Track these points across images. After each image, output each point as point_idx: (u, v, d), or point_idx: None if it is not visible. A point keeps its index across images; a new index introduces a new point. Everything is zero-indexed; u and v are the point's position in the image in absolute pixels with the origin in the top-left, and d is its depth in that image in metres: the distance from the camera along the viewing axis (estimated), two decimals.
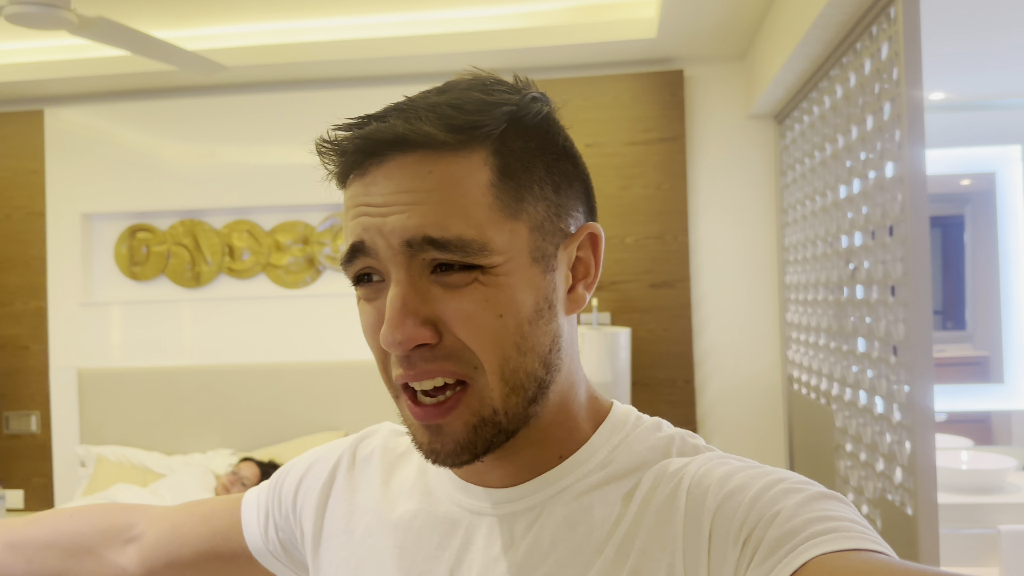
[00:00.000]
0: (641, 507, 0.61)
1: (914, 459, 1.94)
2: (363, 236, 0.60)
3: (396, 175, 0.59)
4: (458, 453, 0.60)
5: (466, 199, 0.59)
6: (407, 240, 0.58)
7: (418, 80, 3.62)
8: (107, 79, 3.56)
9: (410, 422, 0.62)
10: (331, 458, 0.79)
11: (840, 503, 0.55)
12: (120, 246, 3.77)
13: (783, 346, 3.42)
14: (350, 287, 0.60)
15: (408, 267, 0.59)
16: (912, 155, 1.92)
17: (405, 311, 0.57)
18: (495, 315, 0.58)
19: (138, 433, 3.62)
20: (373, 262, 0.60)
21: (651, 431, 0.67)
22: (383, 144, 0.60)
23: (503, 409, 0.60)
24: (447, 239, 0.57)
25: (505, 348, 0.59)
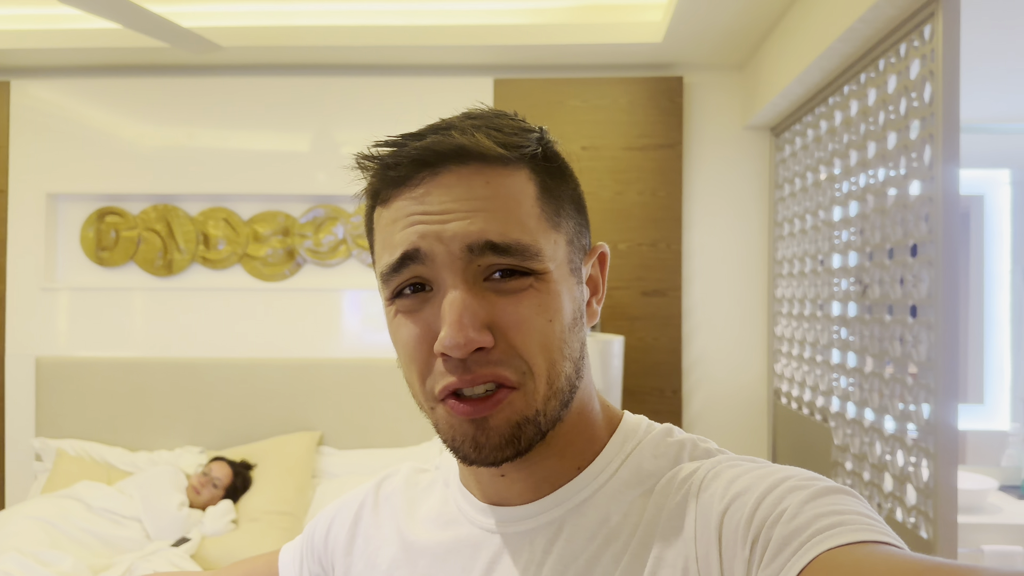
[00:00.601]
0: (654, 513, 0.63)
1: (936, 482, 1.92)
2: (419, 243, 0.62)
3: (454, 185, 0.62)
4: (502, 448, 0.62)
5: (520, 209, 0.63)
6: (469, 245, 0.61)
7: (415, 72, 3.52)
8: (80, 52, 3.37)
9: (453, 423, 0.62)
10: (357, 499, 0.82)
11: (847, 496, 0.55)
12: (87, 229, 3.58)
13: (770, 359, 3.41)
14: (330, 281, 0.62)
15: (465, 273, 0.61)
16: (946, 175, 1.90)
17: (468, 313, 0.60)
18: (546, 320, 0.62)
19: (100, 427, 3.44)
20: (425, 271, 0.62)
21: (662, 437, 0.70)
22: (442, 155, 0.63)
23: (544, 411, 0.62)
24: (508, 244, 0.61)
25: (553, 353, 0.62)
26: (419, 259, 0.62)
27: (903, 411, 2.13)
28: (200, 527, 2.91)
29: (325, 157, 3.52)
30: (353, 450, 3.39)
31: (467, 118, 0.67)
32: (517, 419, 0.62)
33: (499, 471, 0.68)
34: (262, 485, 3.14)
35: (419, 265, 0.62)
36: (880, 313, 2.30)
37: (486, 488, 0.70)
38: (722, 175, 3.47)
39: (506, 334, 0.61)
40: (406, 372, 0.66)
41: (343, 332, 3.56)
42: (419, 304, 0.63)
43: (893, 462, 2.18)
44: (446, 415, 0.62)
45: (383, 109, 3.49)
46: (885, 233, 2.27)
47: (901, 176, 2.16)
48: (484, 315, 0.60)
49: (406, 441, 3.37)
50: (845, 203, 2.62)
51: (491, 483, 0.70)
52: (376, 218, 0.68)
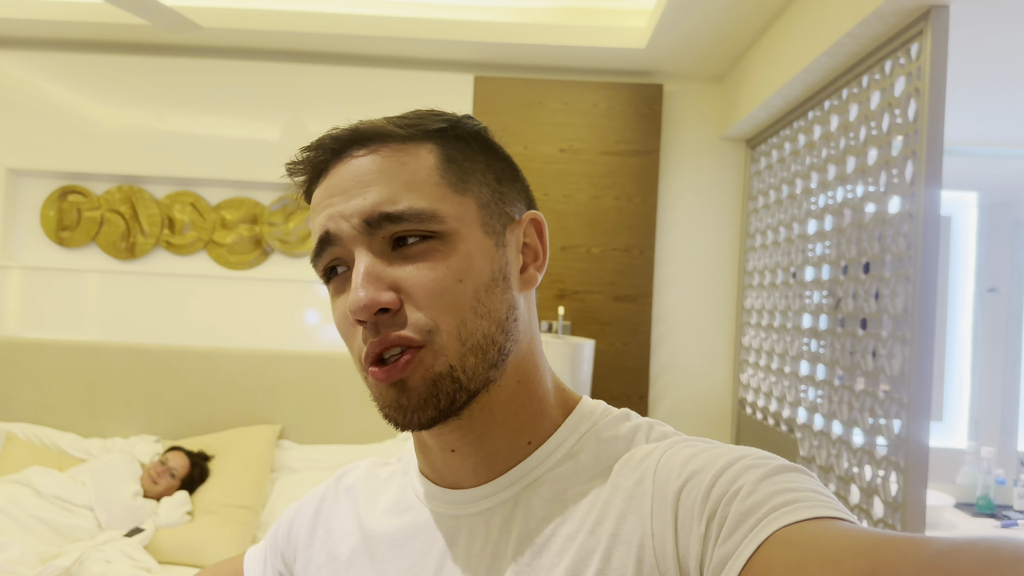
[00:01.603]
0: (610, 491, 0.64)
1: (904, 497, 1.94)
2: (328, 225, 0.66)
3: (352, 165, 0.67)
4: (422, 407, 0.63)
5: (414, 177, 0.66)
6: (365, 219, 0.64)
7: (394, 65, 3.47)
8: (47, 25, 3.27)
9: (380, 390, 0.65)
10: (317, 494, 0.83)
11: (801, 474, 0.56)
12: (48, 208, 3.47)
13: (736, 369, 3.43)
14: (297, 272, 0.63)
15: (370, 245, 0.64)
16: (928, 192, 1.92)
17: (369, 277, 0.63)
18: (455, 280, 0.64)
19: (52, 411, 3.32)
20: (339, 251, 0.66)
21: (619, 421, 0.70)
22: (341, 140, 0.68)
23: (460, 366, 0.63)
24: (400, 211, 0.64)
25: (463, 311, 0.64)
26: (332, 241, 0.66)
27: (873, 425, 2.14)
28: (155, 518, 2.83)
29: (296, 145, 3.41)
30: (313, 445, 3.33)
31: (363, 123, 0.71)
32: (431, 375, 0.63)
33: (448, 445, 0.69)
34: (219, 477, 3.06)
35: (334, 247, 0.66)
36: (852, 327, 2.32)
37: (440, 469, 0.71)
38: (697, 184, 3.49)
39: (411, 295, 0.63)
40: (346, 345, 0.69)
41: (307, 325, 3.50)
42: (342, 283, 0.67)
43: (860, 475, 2.20)
44: (373, 384, 0.65)
45: (358, 101, 3.44)
46: (861, 248, 2.29)
47: (880, 192, 2.18)
48: (388, 278, 0.63)
49: (367, 437, 3.32)
50: (821, 217, 2.64)
51: (444, 462, 0.70)
52: (311, 209, 0.71)
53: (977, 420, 3.46)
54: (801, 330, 2.75)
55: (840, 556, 0.46)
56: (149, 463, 3.05)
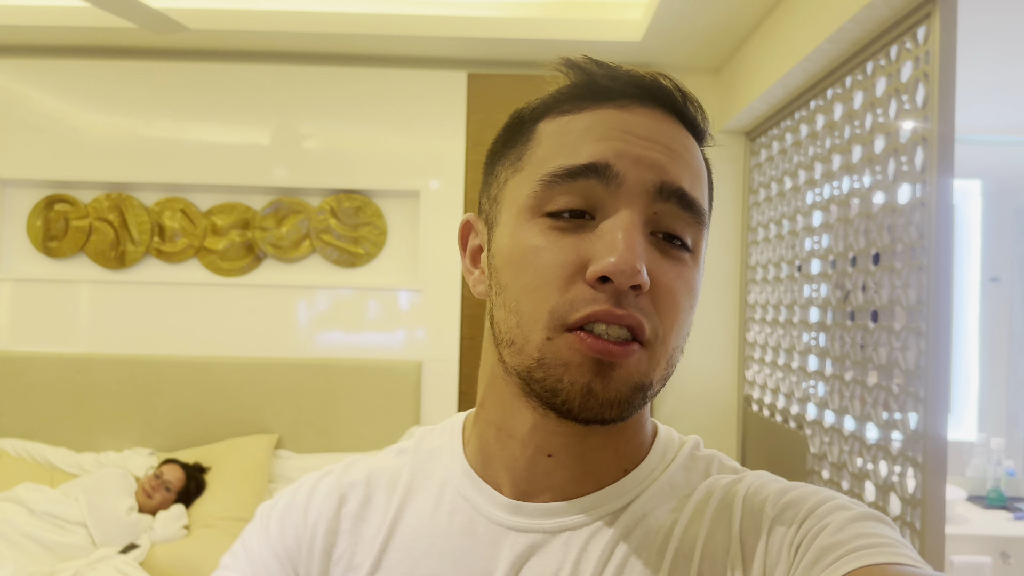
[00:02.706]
0: (696, 514, 0.62)
1: (924, 493, 1.88)
2: (613, 160, 0.57)
3: (665, 124, 0.60)
4: (613, 405, 0.56)
5: (702, 180, 0.63)
6: (663, 182, 0.58)
7: (385, 64, 3.41)
8: (30, 31, 3.19)
9: (571, 362, 0.55)
10: (326, 493, 0.71)
11: (885, 525, 0.57)
12: (35, 218, 3.39)
13: (741, 365, 3.38)
14: (291, 278, 0.51)
15: (644, 210, 0.58)
16: (940, 179, 1.87)
17: (639, 247, 0.55)
18: (689, 304, 0.60)
19: (43, 426, 3.25)
20: (601, 190, 0.57)
21: (693, 450, 0.69)
22: (666, 94, 0.61)
23: (654, 385, 0.59)
24: (695, 198, 0.59)
25: (681, 334, 0.60)
26: (603, 175, 0.57)
27: (888, 420, 2.09)
28: (150, 533, 2.75)
29: (287, 149, 3.40)
30: (311, 454, 3.26)
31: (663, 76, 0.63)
32: (637, 380, 0.57)
33: (550, 447, 0.62)
34: (216, 489, 2.99)
35: (599, 182, 0.57)
36: (863, 319, 2.26)
37: (519, 475, 0.64)
38: None
39: (657, 293, 0.57)
40: (524, 290, 0.58)
41: (303, 331, 3.43)
42: (572, 227, 0.57)
43: (875, 471, 2.14)
44: (567, 347, 0.55)
45: (350, 101, 3.38)
46: (870, 238, 2.23)
47: (889, 181, 2.13)
48: (647, 259, 0.56)
49: (365, 445, 3.25)
50: (826, 208, 2.58)
51: (530, 469, 0.63)
52: (544, 126, 0.62)
53: (986, 411, 3.41)
54: (808, 324, 2.69)
55: None
56: (143, 477, 2.98)
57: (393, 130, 3.39)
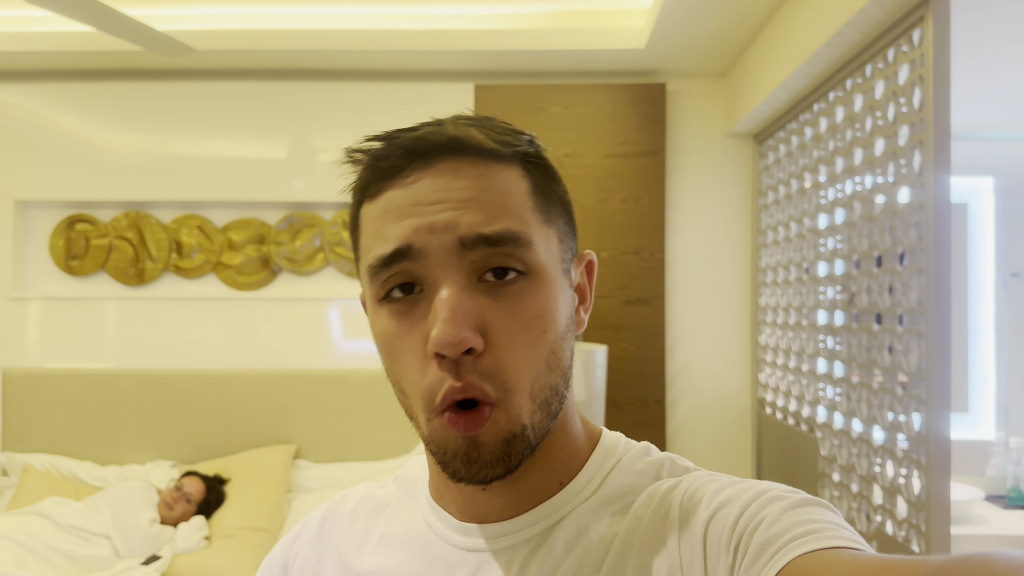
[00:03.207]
0: (633, 523, 0.63)
1: (928, 494, 1.88)
2: (412, 239, 0.60)
3: (447, 175, 0.61)
4: (492, 465, 0.60)
5: (513, 200, 0.62)
6: (461, 238, 0.59)
7: (395, 78, 3.45)
8: (50, 56, 3.28)
9: (447, 438, 0.60)
10: (311, 527, 0.79)
11: (823, 508, 0.57)
12: (56, 237, 3.48)
13: (754, 369, 3.38)
14: (306, 290, 0.54)
15: (458, 268, 0.59)
16: (937, 181, 1.87)
17: (461, 311, 0.57)
18: (540, 332, 0.61)
19: (69, 441, 3.33)
20: (417, 268, 0.60)
21: (641, 455, 0.69)
22: (435, 146, 0.61)
23: (531, 424, 0.61)
24: (499, 233, 0.59)
25: (538, 367, 0.61)
26: (411, 256, 0.60)
27: (893, 421, 2.09)
28: (172, 544, 2.81)
29: (302, 164, 3.46)
30: (329, 463, 3.31)
31: (458, 118, 0.65)
32: (504, 435, 0.59)
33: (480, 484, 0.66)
34: (236, 500, 3.05)
35: (411, 262, 0.60)
36: (868, 322, 2.26)
37: (464, 504, 0.68)
38: (705, 183, 3.44)
39: (496, 343, 0.59)
40: (396, 377, 0.64)
41: (319, 343, 3.48)
42: (410, 306, 0.61)
43: (883, 473, 2.14)
44: (441, 429, 0.60)
45: (361, 115, 3.43)
46: (873, 241, 2.24)
47: (889, 183, 2.13)
48: (477, 316, 0.59)
49: (383, 453, 3.30)
50: (831, 210, 2.59)
51: (471, 498, 0.67)
52: (363, 214, 0.65)
53: (1005, 410, 3.38)
54: (817, 327, 2.69)
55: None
56: (165, 489, 3.04)
57: None
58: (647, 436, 3.16)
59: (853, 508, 2.33)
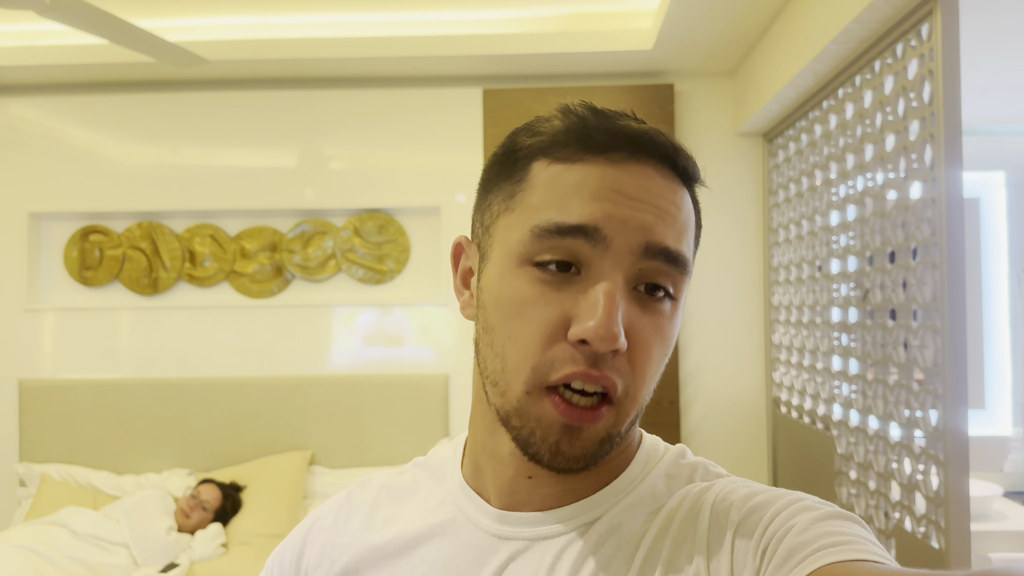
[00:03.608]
0: (665, 523, 0.64)
1: (946, 490, 1.87)
2: (602, 223, 0.59)
3: (653, 178, 0.62)
4: (578, 459, 0.60)
5: (689, 229, 0.64)
6: (648, 243, 0.60)
7: (403, 84, 3.47)
8: (61, 69, 3.31)
9: (543, 419, 0.60)
10: (327, 514, 0.79)
11: (853, 523, 0.58)
12: (71, 249, 3.50)
13: (769, 368, 3.37)
14: (319, 297, 0.52)
15: (628, 271, 0.60)
16: (949, 175, 1.86)
17: (618, 311, 0.58)
18: (662, 353, 0.63)
19: (85, 450, 3.35)
20: (587, 251, 0.59)
21: (676, 459, 0.71)
22: (657, 146, 0.62)
23: (624, 433, 0.62)
24: (680, 253, 0.61)
25: (651, 384, 0.63)
26: (591, 237, 0.59)
27: (909, 418, 2.08)
28: (189, 552, 2.83)
29: (313, 171, 3.47)
30: (345, 469, 3.32)
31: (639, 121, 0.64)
32: (603, 435, 0.61)
33: (528, 471, 0.66)
34: (252, 507, 3.06)
35: (586, 242, 0.59)
36: (882, 318, 2.25)
37: (502, 490, 0.68)
38: (715, 182, 3.43)
39: (634, 350, 0.60)
40: (504, 340, 0.62)
41: (333, 349, 3.49)
42: (560, 282, 0.60)
43: (900, 470, 2.13)
44: (540, 407, 0.60)
45: (371, 122, 3.44)
46: (885, 236, 2.23)
47: (901, 178, 2.12)
48: (626, 320, 0.59)
49: (398, 458, 3.30)
50: (843, 207, 2.58)
51: (513, 485, 0.67)
52: (539, 169, 0.63)
53: (1022, 405, 3.35)
54: (831, 324, 2.69)
55: None
56: (181, 497, 3.05)
57: (413, 148, 3.45)
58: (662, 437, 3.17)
59: (871, 505, 2.31)
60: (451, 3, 3.07)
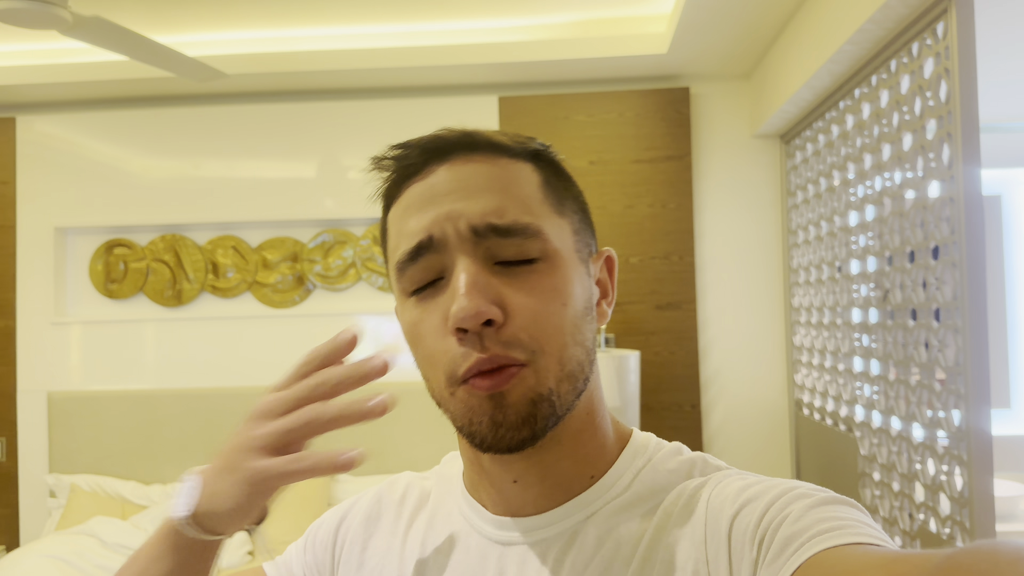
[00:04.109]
0: (662, 520, 0.64)
1: (971, 491, 1.86)
2: (431, 229, 0.63)
3: (460, 168, 0.65)
4: (519, 426, 0.61)
5: (523, 192, 0.65)
6: (473, 226, 0.62)
7: (420, 93, 3.50)
8: (84, 86, 3.37)
9: (471, 404, 0.62)
10: (359, 511, 0.81)
11: (848, 506, 0.58)
12: (96, 262, 3.56)
13: (790, 369, 3.35)
14: (340, 306, 0.53)
15: (475, 252, 0.62)
16: (967, 174, 1.85)
17: (476, 286, 0.60)
18: (560, 303, 0.63)
19: (113, 461, 3.40)
20: (438, 258, 0.63)
21: (672, 455, 0.71)
22: (450, 143, 0.66)
23: (557, 391, 0.62)
24: (509, 225, 0.62)
25: (564, 336, 0.63)
26: (433, 247, 0.63)
27: (932, 418, 2.07)
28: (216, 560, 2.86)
29: (332, 181, 3.50)
30: (367, 476, 3.34)
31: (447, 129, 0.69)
32: (531, 395, 0.61)
33: (512, 475, 0.68)
34: (277, 514, 3.08)
35: (433, 254, 0.63)
36: (903, 318, 2.24)
37: (496, 497, 0.70)
38: (733, 185, 3.43)
39: (516, 314, 0.61)
40: (423, 362, 0.66)
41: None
42: (432, 293, 0.64)
43: (924, 471, 2.12)
44: (465, 397, 0.62)
45: (388, 132, 3.46)
46: (904, 236, 2.22)
47: (919, 178, 2.11)
48: (494, 292, 0.61)
49: (420, 465, 3.28)
50: (861, 207, 2.57)
51: (504, 490, 0.69)
52: (390, 219, 0.69)
53: None
54: (851, 325, 2.67)
55: (861, 570, 0.49)
56: None
57: None
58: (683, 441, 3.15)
59: (895, 507, 2.30)
60: (466, 12, 3.09)
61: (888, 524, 2.35)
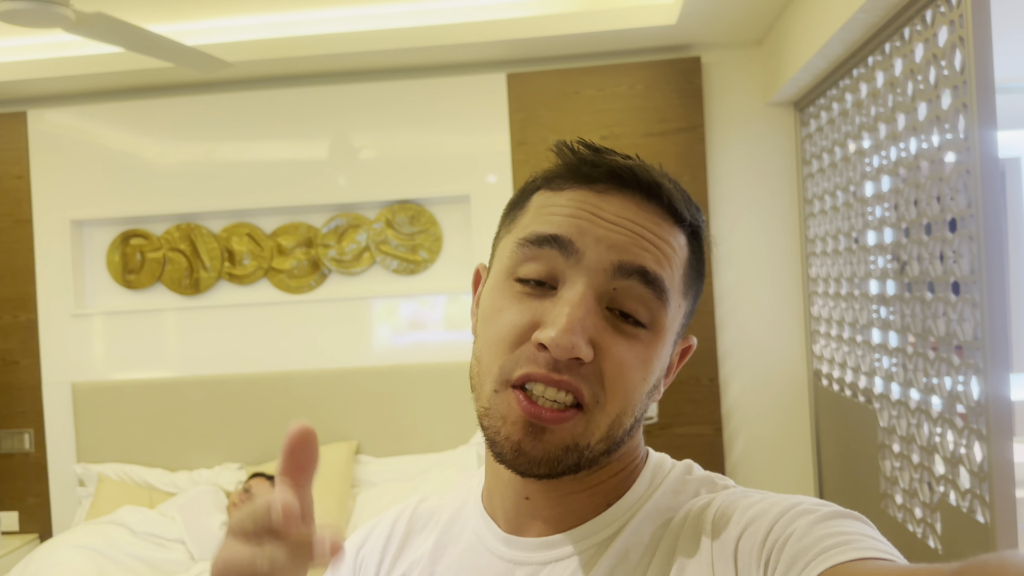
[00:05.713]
0: (671, 540, 0.65)
1: (990, 464, 1.85)
2: (575, 236, 0.63)
3: (633, 209, 0.65)
4: (538, 463, 0.61)
5: (673, 261, 0.66)
6: (621, 261, 0.62)
7: (427, 73, 3.47)
8: (93, 78, 3.37)
9: (507, 416, 0.62)
10: (385, 527, 0.82)
11: (853, 520, 0.58)
12: (113, 253, 3.59)
13: (809, 341, 3.34)
14: (355, 290, 0.52)
15: (597, 286, 0.62)
16: (983, 143, 1.82)
17: (583, 322, 0.60)
18: (641, 376, 0.64)
19: (139, 449, 3.45)
20: (560, 263, 0.63)
21: (682, 475, 0.72)
22: (638, 180, 0.65)
23: (593, 448, 0.63)
24: (656, 275, 0.63)
25: (629, 404, 0.64)
26: (563, 247, 0.63)
27: (951, 391, 2.05)
28: None
29: (343, 164, 3.50)
30: (390, 457, 3.37)
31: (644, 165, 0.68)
32: (569, 442, 0.61)
33: (525, 491, 0.69)
34: None
35: (559, 252, 0.63)
36: (920, 291, 2.22)
37: (509, 513, 0.71)
38: (747, 155, 3.39)
39: (604, 361, 0.61)
40: (486, 343, 0.65)
41: (372, 340, 3.54)
42: (535, 293, 0.64)
43: (943, 443, 2.11)
44: (506, 404, 0.62)
45: (398, 112, 3.45)
46: (921, 208, 2.19)
47: (934, 148, 2.08)
48: (593, 332, 0.61)
49: (441, 445, 3.35)
50: (877, 178, 2.54)
51: (514, 505, 0.70)
52: (536, 198, 0.69)
53: None
54: (869, 297, 2.65)
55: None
56: (233, 492, 3.13)
57: (440, 136, 3.45)
58: (702, 414, 3.14)
59: (915, 479, 2.29)
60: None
61: (909, 496, 2.34)
